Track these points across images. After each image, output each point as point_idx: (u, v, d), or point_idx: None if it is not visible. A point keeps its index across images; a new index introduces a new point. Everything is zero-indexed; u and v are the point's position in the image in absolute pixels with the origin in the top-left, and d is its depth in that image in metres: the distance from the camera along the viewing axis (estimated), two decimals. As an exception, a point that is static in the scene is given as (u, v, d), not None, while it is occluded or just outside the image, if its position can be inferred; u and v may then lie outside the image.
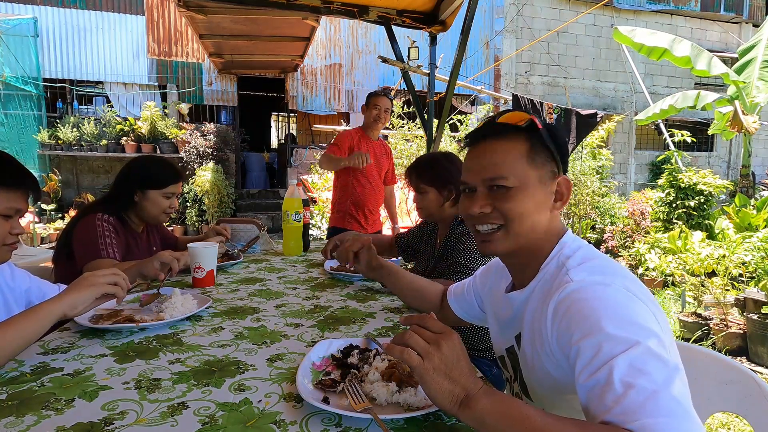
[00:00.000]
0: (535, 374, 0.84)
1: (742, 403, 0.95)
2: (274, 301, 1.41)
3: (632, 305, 0.71)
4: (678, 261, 4.59)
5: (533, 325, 0.83)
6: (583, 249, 0.85)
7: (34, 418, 0.75)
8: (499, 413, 0.64)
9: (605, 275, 0.77)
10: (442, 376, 0.68)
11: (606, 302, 0.71)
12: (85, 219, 1.69)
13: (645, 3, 11.73)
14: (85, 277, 1.06)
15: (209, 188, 8.04)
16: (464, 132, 7.34)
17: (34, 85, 8.62)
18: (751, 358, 3.35)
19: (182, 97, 9.54)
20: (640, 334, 0.66)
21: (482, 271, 1.16)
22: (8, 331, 0.92)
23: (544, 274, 0.86)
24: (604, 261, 0.83)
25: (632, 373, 0.62)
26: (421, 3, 3.65)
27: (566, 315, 0.74)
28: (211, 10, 4.64)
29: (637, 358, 0.63)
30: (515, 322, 0.91)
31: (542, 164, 0.86)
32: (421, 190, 1.78)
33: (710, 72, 6.45)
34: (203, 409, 0.79)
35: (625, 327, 0.67)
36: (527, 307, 0.87)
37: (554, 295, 0.78)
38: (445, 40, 6.06)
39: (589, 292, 0.74)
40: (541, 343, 0.80)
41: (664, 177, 6.14)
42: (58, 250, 1.74)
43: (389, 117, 3.18)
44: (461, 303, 1.20)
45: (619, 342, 0.65)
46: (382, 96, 3.13)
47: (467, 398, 0.67)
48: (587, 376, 0.66)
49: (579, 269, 0.79)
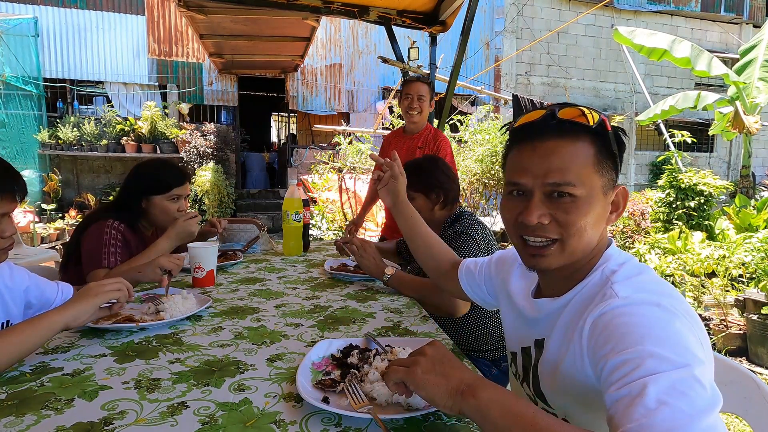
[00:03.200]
0: (556, 383, 0.80)
1: (741, 404, 0.94)
2: (274, 301, 1.41)
3: (680, 327, 0.65)
4: (678, 261, 4.59)
5: (565, 335, 0.79)
6: (629, 263, 0.79)
7: (34, 418, 0.75)
8: (506, 407, 0.61)
9: (652, 294, 0.71)
10: (434, 374, 0.67)
11: (653, 322, 0.66)
12: (96, 224, 1.67)
13: (645, 3, 11.73)
14: (89, 288, 1.07)
15: (209, 188, 8.04)
16: (464, 132, 7.34)
17: (35, 84, 8.62)
18: (751, 359, 3.35)
19: (182, 97, 9.55)
20: (689, 359, 0.60)
21: (498, 259, 1.11)
22: (10, 338, 0.92)
23: (583, 287, 0.80)
24: (651, 277, 0.77)
25: (672, 392, 0.57)
26: (421, 3, 3.65)
27: (606, 329, 0.68)
28: (211, 10, 4.65)
29: (681, 381, 0.58)
30: (540, 327, 0.87)
31: (606, 172, 0.79)
32: (410, 197, 1.79)
33: (710, 73, 6.45)
34: (203, 408, 0.79)
35: (673, 349, 0.62)
36: (560, 317, 0.82)
37: (596, 308, 0.73)
38: (445, 40, 6.07)
39: (636, 309, 0.69)
40: (572, 355, 0.76)
41: (664, 177, 6.13)
42: (67, 254, 1.73)
43: (426, 104, 2.69)
44: (470, 281, 1.17)
45: (665, 361, 0.60)
46: (413, 82, 2.73)
47: (468, 387, 0.65)
48: (620, 386, 0.61)
49: (625, 284, 0.74)
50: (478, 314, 1.69)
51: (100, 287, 1.07)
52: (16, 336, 0.93)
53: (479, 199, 7.12)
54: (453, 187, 1.81)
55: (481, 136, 7.00)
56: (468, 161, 6.75)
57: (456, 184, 1.85)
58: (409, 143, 2.76)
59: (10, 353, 0.91)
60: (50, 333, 0.98)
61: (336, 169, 7.47)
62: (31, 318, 0.99)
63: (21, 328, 0.95)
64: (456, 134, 7.70)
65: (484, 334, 1.70)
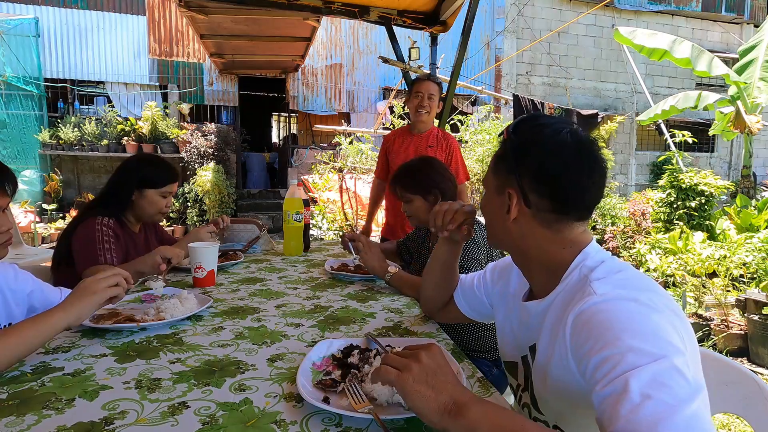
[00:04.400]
0: (547, 386, 0.82)
1: (742, 404, 0.94)
2: (275, 301, 1.41)
3: (658, 320, 0.67)
4: (679, 261, 4.58)
5: (551, 336, 0.81)
6: (608, 261, 0.82)
7: (35, 418, 0.75)
8: (494, 424, 0.61)
9: (630, 289, 0.73)
10: (424, 385, 0.66)
11: (630, 316, 0.68)
12: (84, 223, 1.68)
13: (646, 3, 11.72)
14: (86, 285, 1.04)
15: (210, 188, 8.04)
16: (465, 132, 7.34)
17: (36, 84, 8.63)
18: (752, 359, 3.35)
19: (183, 97, 9.55)
20: (667, 350, 0.62)
21: (493, 269, 1.13)
22: (10, 338, 0.91)
23: (565, 286, 0.83)
24: (630, 274, 0.79)
25: (653, 385, 0.59)
26: (421, 3, 3.65)
27: (586, 326, 0.70)
28: (212, 11, 4.65)
29: (661, 372, 0.60)
30: (532, 332, 0.89)
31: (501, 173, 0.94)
32: (407, 199, 1.80)
33: (711, 73, 6.45)
34: (203, 408, 0.79)
35: (651, 341, 0.63)
36: (545, 318, 0.84)
37: (575, 306, 0.75)
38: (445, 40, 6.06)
39: (613, 305, 0.70)
40: (558, 356, 0.77)
41: (665, 177, 6.13)
42: (57, 254, 1.72)
43: (435, 103, 2.69)
44: (469, 299, 1.17)
45: (644, 354, 0.62)
46: (424, 81, 2.72)
47: (456, 406, 0.64)
48: (604, 384, 0.63)
49: (603, 282, 0.76)
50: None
51: (97, 283, 1.04)
52: (17, 336, 0.92)
53: (479, 198, 7.12)
54: (450, 186, 1.81)
55: (482, 136, 7.00)
56: (469, 161, 6.75)
57: (453, 183, 1.85)
58: (417, 142, 2.74)
59: (11, 354, 0.91)
60: (52, 333, 0.97)
61: (336, 169, 7.48)
62: (32, 317, 0.98)
63: (22, 327, 0.94)
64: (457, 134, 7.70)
65: (485, 335, 1.70)
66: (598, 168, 0.83)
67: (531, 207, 0.84)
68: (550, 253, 0.85)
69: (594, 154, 0.83)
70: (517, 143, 0.85)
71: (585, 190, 0.83)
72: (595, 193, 0.85)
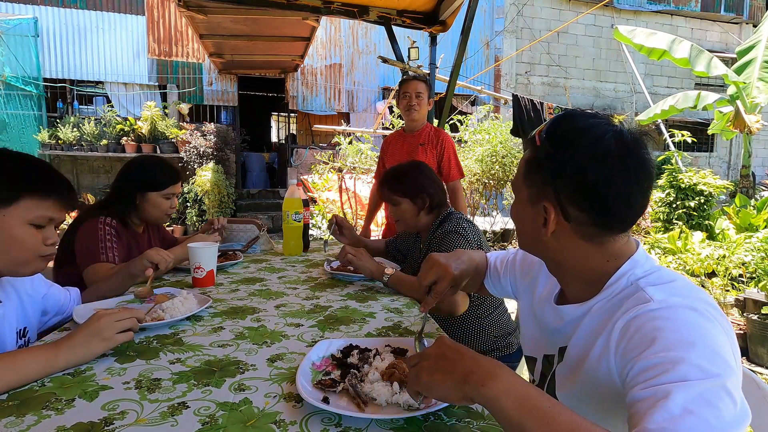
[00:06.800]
0: (575, 388, 0.79)
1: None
2: (274, 301, 1.41)
3: (716, 335, 0.63)
4: (678, 261, 4.59)
5: (589, 340, 0.77)
6: (660, 270, 0.77)
7: (35, 418, 0.75)
8: (518, 397, 0.59)
9: (688, 298, 0.69)
10: (438, 373, 0.67)
11: (688, 326, 0.64)
12: (87, 222, 1.68)
13: (645, 3, 11.73)
14: (99, 328, 0.98)
15: (209, 188, 8.03)
16: (464, 132, 7.34)
17: (35, 85, 8.62)
18: (751, 359, 3.35)
19: (182, 97, 9.54)
20: (723, 369, 0.59)
21: (522, 262, 1.08)
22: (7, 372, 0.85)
23: (609, 293, 0.78)
24: (684, 283, 0.74)
25: (700, 402, 0.55)
26: (421, 3, 3.65)
27: (639, 332, 0.67)
28: (211, 10, 4.64)
29: (711, 391, 0.56)
30: (562, 335, 0.86)
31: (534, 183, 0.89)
32: (395, 203, 1.80)
33: (709, 73, 6.45)
34: (203, 408, 0.79)
35: (708, 357, 0.59)
36: (582, 323, 0.80)
37: (627, 312, 0.71)
38: (445, 40, 6.06)
39: (671, 312, 0.66)
40: (596, 360, 0.74)
41: (664, 177, 6.13)
42: (61, 254, 1.73)
43: (424, 101, 2.69)
44: (495, 285, 1.15)
45: (698, 369, 0.58)
46: (410, 80, 2.73)
47: (474, 376, 0.63)
48: (644, 387, 0.59)
49: (659, 288, 0.72)
50: (477, 314, 1.69)
51: (110, 329, 0.98)
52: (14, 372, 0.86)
53: (479, 199, 7.12)
54: (438, 191, 1.80)
55: (481, 136, 7.00)
56: (468, 161, 6.75)
57: (441, 188, 1.84)
58: (410, 141, 2.75)
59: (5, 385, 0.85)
60: (50, 372, 0.91)
61: (336, 169, 7.47)
62: (34, 349, 0.93)
63: (22, 359, 0.89)
64: (456, 134, 7.70)
65: (484, 334, 1.70)
66: (645, 173, 0.75)
67: (571, 221, 0.77)
68: (592, 266, 0.80)
69: (641, 158, 0.75)
70: (553, 152, 0.77)
71: (632, 202, 0.76)
72: (643, 201, 0.77)
